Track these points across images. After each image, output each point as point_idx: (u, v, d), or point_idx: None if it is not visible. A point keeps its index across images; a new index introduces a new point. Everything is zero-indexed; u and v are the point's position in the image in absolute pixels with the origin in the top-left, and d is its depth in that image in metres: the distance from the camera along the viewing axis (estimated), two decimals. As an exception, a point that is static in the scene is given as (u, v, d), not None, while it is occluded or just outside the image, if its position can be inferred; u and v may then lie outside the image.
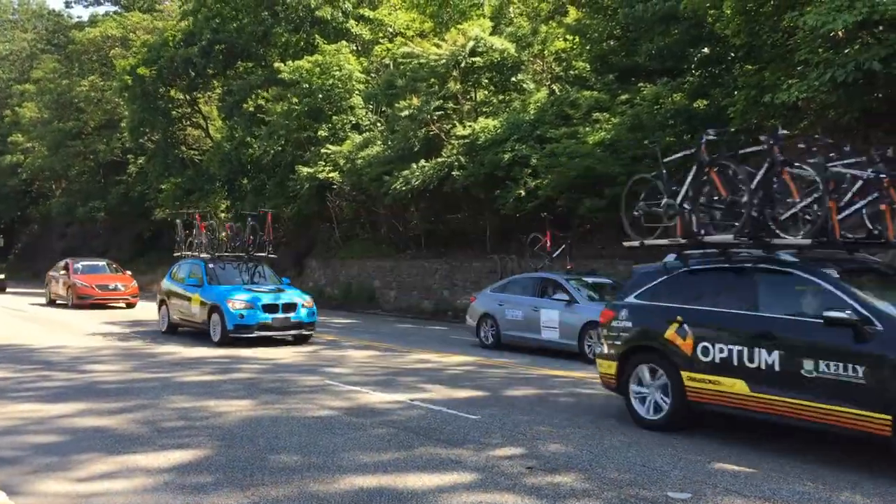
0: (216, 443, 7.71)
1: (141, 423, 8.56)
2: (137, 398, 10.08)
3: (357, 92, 30.04)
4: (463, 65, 24.99)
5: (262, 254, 18.48)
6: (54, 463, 6.98)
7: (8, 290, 38.88)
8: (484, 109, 26.17)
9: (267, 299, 16.36)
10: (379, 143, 27.20)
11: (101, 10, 57.15)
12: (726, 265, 8.20)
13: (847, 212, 7.78)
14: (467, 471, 6.79)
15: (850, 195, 7.88)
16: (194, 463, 6.97)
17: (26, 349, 15.34)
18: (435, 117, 25.40)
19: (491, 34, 25.74)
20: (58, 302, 29.18)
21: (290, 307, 16.48)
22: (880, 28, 14.48)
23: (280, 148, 31.27)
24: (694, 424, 8.34)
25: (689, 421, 8.26)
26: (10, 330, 19.18)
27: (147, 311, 24.84)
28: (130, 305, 28.16)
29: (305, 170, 28.68)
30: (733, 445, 7.75)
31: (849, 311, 6.87)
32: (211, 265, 18.04)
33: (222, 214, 38.68)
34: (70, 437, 7.96)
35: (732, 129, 16.64)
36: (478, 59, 24.86)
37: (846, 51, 14.48)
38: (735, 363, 7.61)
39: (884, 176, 7.64)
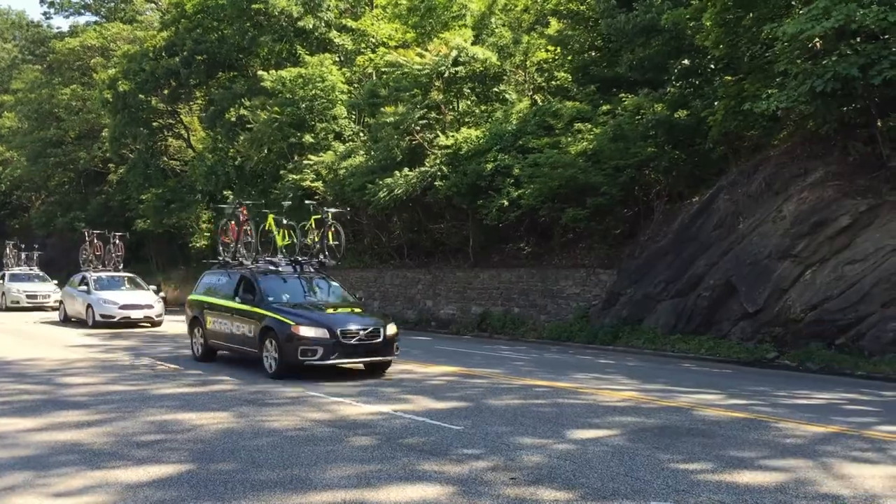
0: (196, 456, 7.63)
1: (119, 437, 8.46)
2: (116, 411, 9.96)
3: (340, 102, 30.02)
4: (446, 74, 25.03)
5: None
6: (31, 478, 6.87)
7: None
8: (466, 119, 26.22)
9: None
10: (362, 153, 27.17)
11: (81, 20, 56.88)
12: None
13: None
14: (450, 482, 6.76)
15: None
16: (174, 477, 6.89)
17: (4, 361, 15.13)
18: (418, 127, 25.42)
19: (473, 44, 25.82)
20: None
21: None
22: (857, 39, 14.68)
23: (263, 155, 31.17)
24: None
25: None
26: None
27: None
28: None
29: (291, 176, 28.63)
30: (715, 455, 7.77)
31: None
32: None
33: (203, 225, 38.51)
34: (47, 451, 7.84)
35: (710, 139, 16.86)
36: (460, 68, 24.91)
37: (824, 62, 14.65)
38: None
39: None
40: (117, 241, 27.31)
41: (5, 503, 6.19)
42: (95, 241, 27.98)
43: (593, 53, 24.46)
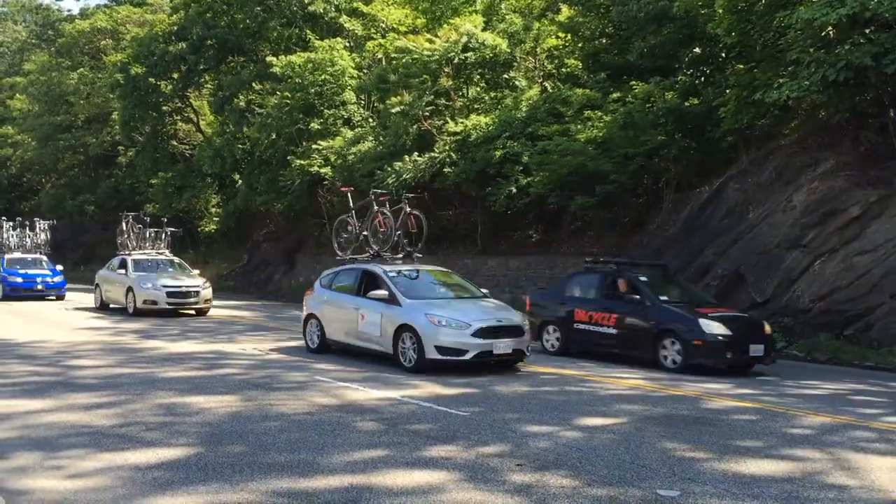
0: (205, 439, 7.68)
1: (129, 419, 8.52)
2: (124, 393, 10.02)
3: (349, 88, 29.98)
4: (455, 61, 24.96)
5: None
6: (42, 459, 6.93)
7: None
8: (476, 106, 26.15)
9: None
10: (370, 138, 27.14)
11: (91, 2, 56.92)
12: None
13: None
14: (456, 468, 6.78)
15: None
16: (183, 459, 6.94)
17: (12, 343, 15.22)
18: (427, 113, 25.36)
19: (483, 30, 25.73)
20: None
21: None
22: (871, 28, 14.56)
23: (272, 140, 31.20)
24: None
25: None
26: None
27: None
28: None
29: (298, 161, 28.64)
30: (722, 445, 7.77)
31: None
32: None
33: (213, 209, 38.63)
34: (57, 432, 7.90)
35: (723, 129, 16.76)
36: (470, 55, 24.83)
37: (837, 50, 14.54)
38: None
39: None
40: (409, 210, 15.16)
41: (17, 483, 6.24)
42: (381, 207, 15.62)
43: (604, 41, 24.33)
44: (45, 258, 29.63)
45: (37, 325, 18.92)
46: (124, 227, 26.35)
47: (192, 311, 22.34)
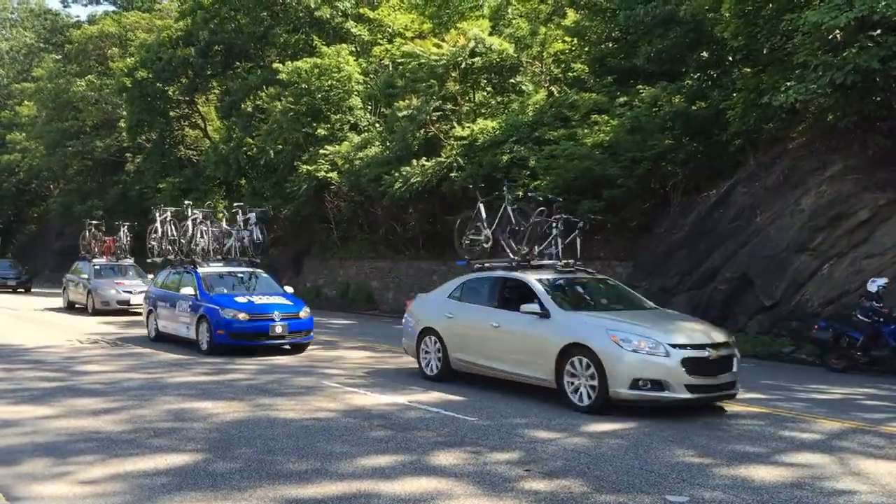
0: (213, 445, 7.69)
1: (137, 425, 8.54)
2: (132, 399, 10.05)
3: (356, 93, 30.03)
4: (462, 65, 24.98)
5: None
6: (52, 465, 6.95)
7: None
8: (483, 111, 26.16)
9: None
10: (377, 143, 27.18)
11: (99, 9, 57.16)
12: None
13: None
14: (465, 474, 6.77)
15: None
16: (191, 465, 6.95)
17: (21, 349, 15.28)
18: (434, 118, 25.38)
19: (489, 35, 25.76)
20: None
21: None
22: (879, 31, 14.51)
23: (279, 147, 31.27)
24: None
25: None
26: (2, 328, 19.10)
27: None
28: None
29: (305, 167, 28.71)
30: (731, 450, 7.74)
31: None
32: None
33: (220, 214, 38.67)
34: (66, 438, 7.93)
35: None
36: (477, 59, 24.85)
37: (844, 53, 14.49)
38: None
39: None
40: None
41: (26, 489, 6.26)
42: None
43: (611, 45, 24.30)
44: (264, 274, 17.38)
45: (45, 331, 18.98)
46: (474, 215, 14.62)
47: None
